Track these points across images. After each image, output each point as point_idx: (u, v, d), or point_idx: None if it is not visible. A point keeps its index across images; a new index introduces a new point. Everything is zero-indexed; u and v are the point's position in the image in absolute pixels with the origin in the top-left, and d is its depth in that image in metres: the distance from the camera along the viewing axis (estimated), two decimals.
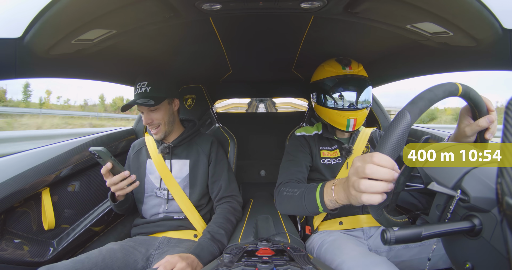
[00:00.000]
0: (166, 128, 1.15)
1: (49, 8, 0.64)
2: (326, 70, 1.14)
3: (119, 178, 0.93)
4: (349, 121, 1.10)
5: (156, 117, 1.12)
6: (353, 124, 1.11)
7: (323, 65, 1.17)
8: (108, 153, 0.89)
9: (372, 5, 0.73)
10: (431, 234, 0.47)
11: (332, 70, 1.13)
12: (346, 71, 1.11)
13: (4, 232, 0.92)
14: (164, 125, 1.14)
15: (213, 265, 0.70)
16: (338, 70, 1.12)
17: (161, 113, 1.13)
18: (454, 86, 0.57)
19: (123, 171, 0.94)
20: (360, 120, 1.12)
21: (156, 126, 1.13)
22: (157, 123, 1.12)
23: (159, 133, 1.14)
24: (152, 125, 1.12)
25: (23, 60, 0.76)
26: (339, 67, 1.12)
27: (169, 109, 1.16)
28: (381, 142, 0.52)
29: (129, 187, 0.97)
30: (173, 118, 1.18)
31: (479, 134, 0.66)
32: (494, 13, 0.65)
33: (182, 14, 0.78)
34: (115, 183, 0.94)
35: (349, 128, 1.11)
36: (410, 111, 0.52)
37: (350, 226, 1.10)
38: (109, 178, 0.94)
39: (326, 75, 1.14)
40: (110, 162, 0.90)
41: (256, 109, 4.21)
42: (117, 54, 1.11)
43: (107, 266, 0.88)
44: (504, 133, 0.39)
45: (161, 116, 1.13)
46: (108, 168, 0.91)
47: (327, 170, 1.15)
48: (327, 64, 1.16)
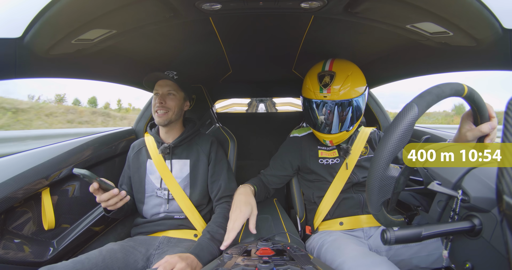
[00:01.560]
0: (172, 117, 1.16)
1: (49, 8, 0.64)
2: (307, 88, 1.10)
3: (108, 196, 0.92)
4: (324, 141, 1.13)
5: (169, 102, 1.15)
6: (329, 142, 1.13)
7: (306, 80, 1.12)
8: (92, 175, 0.86)
9: (372, 5, 0.73)
10: (431, 234, 0.48)
11: (311, 91, 1.08)
12: (322, 94, 1.04)
13: (4, 232, 0.92)
14: (172, 113, 1.16)
15: (213, 265, 0.70)
16: (316, 91, 1.06)
17: (176, 101, 1.17)
18: (461, 86, 0.57)
19: (111, 190, 0.92)
20: (337, 140, 1.12)
21: (166, 110, 1.14)
22: (167, 107, 1.15)
23: (163, 117, 1.14)
24: (162, 108, 1.14)
25: (23, 60, 0.76)
26: (318, 88, 1.05)
27: (182, 104, 1.20)
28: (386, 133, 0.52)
29: (120, 203, 0.95)
30: (180, 113, 1.21)
31: (478, 140, 0.66)
32: (494, 13, 0.65)
33: (182, 14, 0.78)
34: (105, 201, 0.92)
35: (327, 144, 1.15)
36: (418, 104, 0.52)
37: (351, 226, 1.10)
38: (98, 195, 0.92)
39: (305, 94, 1.12)
40: (96, 182, 0.88)
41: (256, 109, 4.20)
42: (117, 54, 1.11)
43: (107, 266, 0.88)
44: (504, 133, 0.40)
45: (174, 103, 1.16)
46: (95, 188, 0.90)
47: (325, 170, 1.15)
48: (310, 79, 1.09)
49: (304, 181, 1.24)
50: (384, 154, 0.51)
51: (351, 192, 1.14)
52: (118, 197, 0.94)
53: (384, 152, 0.51)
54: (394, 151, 0.51)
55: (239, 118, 2.64)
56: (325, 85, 1.03)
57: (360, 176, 1.13)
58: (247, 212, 0.91)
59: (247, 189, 1.04)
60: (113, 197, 0.93)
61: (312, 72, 1.10)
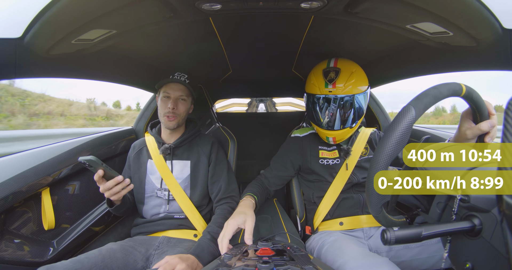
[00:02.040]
0: (180, 121, 1.17)
1: (49, 8, 0.64)
2: (312, 83, 1.11)
3: (113, 183, 0.91)
4: (328, 138, 1.13)
5: (180, 107, 1.16)
6: (332, 140, 1.13)
7: (311, 76, 1.13)
8: (98, 161, 0.85)
9: (372, 5, 0.73)
10: (431, 234, 0.48)
11: (316, 86, 1.09)
12: (328, 89, 1.06)
13: (4, 232, 0.92)
14: (181, 118, 1.17)
15: (213, 265, 0.70)
16: (321, 87, 1.07)
17: (186, 106, 1.18)
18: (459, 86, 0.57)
19: (116, 176, 0.92)
20: (340, 137, 1.12)
21: (175, 115, 1.15)
22: (178, 112, 1.15)
23: (174, 121, 1.15)
24: (173, 113, 1.14)
25: (23, 60, 0.76)
26: (323, 83, 1.07)
27: (189, 108, 1.22)
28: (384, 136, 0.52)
29: (124, 191, 0.95)
30: (186, 117, 1.21)
31: (478, 138, 0.66)
32: (494, 13, 0.65)
33: (182, 14, 0.78)
34: (109, 188, 0.92)
35: (330, 142, 1.14)
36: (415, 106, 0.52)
37: (351, 227, 1.10)
38: (102, 184, 0.91)
39: (309, 90, 1.13)
40: (102, 169, 0.88)
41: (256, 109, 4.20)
42: (117, 54, 1.11)
43: (106, 266, 0.88)
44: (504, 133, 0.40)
45: (184, 108, 1.17)
46: (100, 176, 0.89)
47: (325, 170, 1.15)
48: (314, 76, 1.11)
49: (304, 181, 1.24)
50: (382, 158, 0.51)
51: (351, 192, 1.14)
52: (123, 185, 0.93)
53: (382, 156, 0.51)
54: (392, 154, 0.51)
55: (239, 118, 2.64)
56: (331, 80, 1.06)
57: (360, 176, 1.13)
58: (239, 220, 0.88)
59: (247, 202, 1.02)
60: (117, 184, 0.92)
61: (317, 69, 1.12)
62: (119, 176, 0.92)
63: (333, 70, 1.07)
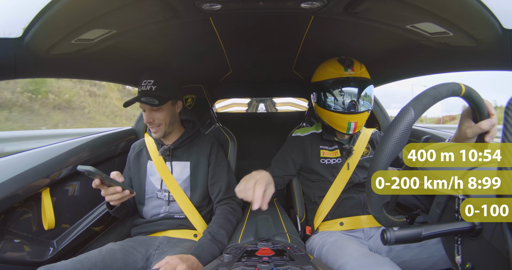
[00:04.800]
0: (166, 129, 1.14)
1: (49, 8, 0.64)
2: (328, 71, 1.12)
3: (113, 191, 0.90)
4: (349, 124, 1.10)
5: (157, 117, 1.10)
6: (353, 127, 1.11)
7: (324, 65, 1.15)
8: (98, 171, 0.83)
9: (372, 5, 0.73)
10: (431, 234, 0.48)
11: (334, 71, 1.11)
12: (348, 73, 1.09)
13: (4, 232, 0.92)
14: (165, 125, 1.13)
15: (213, 265, 0.70)
16: (340, 71, 1.10)
17: (164, 113, 1.11)
18: (458, 86, 0.57)
19: (115, 187, 0.90)
20: (361, 123, 1.12)
21: (157, 126, 1.12)
22: (158, 122, 1.11)
23: (158, 132, 1.13)
24: (153, 125, 1.11)
25: (23, 60, 0.76)
26: (341, 68, 1.10)
27: (172, 110, 1.15)
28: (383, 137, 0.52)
29: (124, 198, 0.94)
30: (174, 119, 1.17)
31: (478, 137, 0.66)
32: (494, 13, 0.65)
33: (182, 14, 0.78)
34: (109, 195, 0.91)
35: (350, 131, 1.12)
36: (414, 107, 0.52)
37: (351, 227, 1.10)
38: (103, 189, 0.91)
39: (327, 77, 1.13)
40: (98, 178, 0.86)
41: (256, 109, 4.19)
42: (117, 54, 1.11)
43: (106, 266, 0.88)
44: (504, 133, 0.40)
45: (163, 117, 1.11)
46: (97, 184, 0.87)
47: (326, 170, 1.15)
48: (329, 65, 1.14)
49: (305, 181, 1.24)
50: (382, 158, 0.51)
51: (352, 192, 1.14)
52: (122, 194, 0.92)
53: (382, 156, 0.51)
54: (392, 155, 0.51)
55: (239, 118, 2.64)
56: (348, 65, 1.10)
57: (361, 176, 1.13)
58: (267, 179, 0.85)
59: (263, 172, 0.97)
60: (116, 194, 0.91)
61: (330, 60, 1.16)
62: (118, 188, 0.90)
63: (347, 59, 1.12)
